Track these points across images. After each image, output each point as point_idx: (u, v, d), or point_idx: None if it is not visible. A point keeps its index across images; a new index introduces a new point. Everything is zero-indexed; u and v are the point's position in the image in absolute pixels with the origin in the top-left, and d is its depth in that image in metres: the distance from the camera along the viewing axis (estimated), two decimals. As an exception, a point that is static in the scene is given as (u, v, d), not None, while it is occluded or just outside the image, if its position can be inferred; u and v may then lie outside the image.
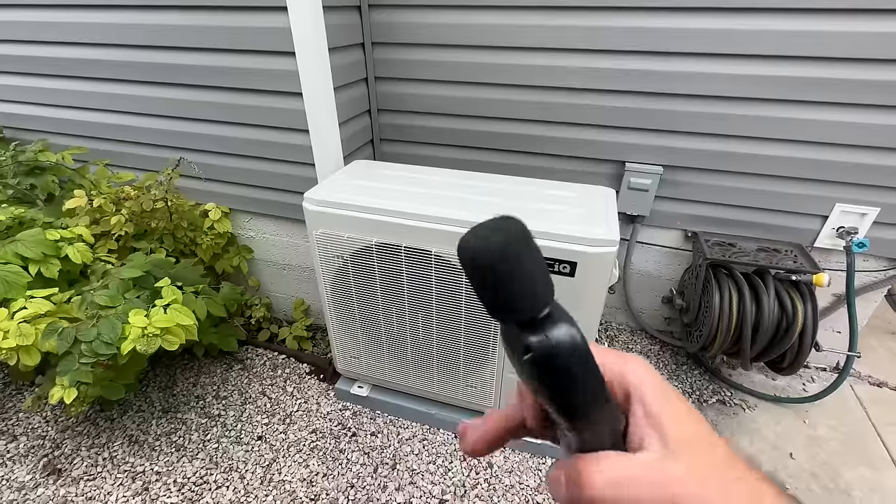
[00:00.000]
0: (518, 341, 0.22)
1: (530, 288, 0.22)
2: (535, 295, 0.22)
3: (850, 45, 1.26)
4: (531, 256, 0.22)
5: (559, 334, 0.22)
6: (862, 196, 1.47)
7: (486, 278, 0.21)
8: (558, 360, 0.22)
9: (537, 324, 0.22)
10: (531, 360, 0.22)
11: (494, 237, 0.21)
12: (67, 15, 1.53)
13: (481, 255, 0.21)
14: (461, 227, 1.14)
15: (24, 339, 1.16)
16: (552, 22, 1.42)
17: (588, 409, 0.24)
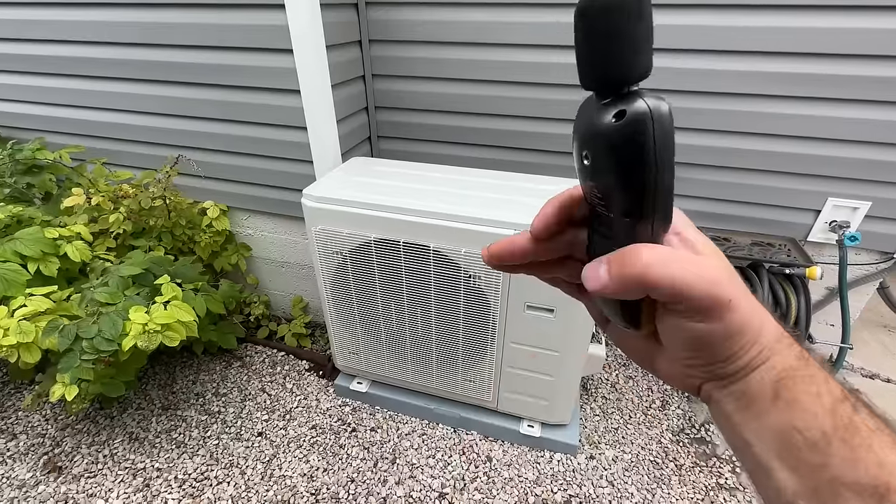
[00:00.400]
0: (604, 111, 0.21)
1: (641, 48, 0.21)
2: (642, 58, 0.21)
3: (842, 41, 1.27)
4: (646, 18, 0.21)
5: (659, 104, 0.21)
6: (854, 190, 1.49)
7: (600, 27, 0.21)
8: (657, 126, 0.20)
9: (634, 94, 0.21)
10: (626, 124, 0.20)
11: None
12: (63, 13, 1.53)
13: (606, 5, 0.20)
14: (459, 223, 1.15)
15: (25, 337, 1.16)
16: (548, 18, 1.43)
17: (660, 196, 0.22)
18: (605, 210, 0.24)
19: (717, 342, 0.25)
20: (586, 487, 1.41)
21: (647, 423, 1.61)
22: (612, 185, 0.23)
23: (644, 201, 0.22)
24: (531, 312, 1.23)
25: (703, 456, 1.50)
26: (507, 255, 0.31)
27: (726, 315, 0.24)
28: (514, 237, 0.31)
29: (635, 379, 1.79)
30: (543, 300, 1.20)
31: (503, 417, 1.53)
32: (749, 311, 0.25)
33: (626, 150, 0.21)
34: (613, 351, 1.92)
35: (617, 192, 0.23)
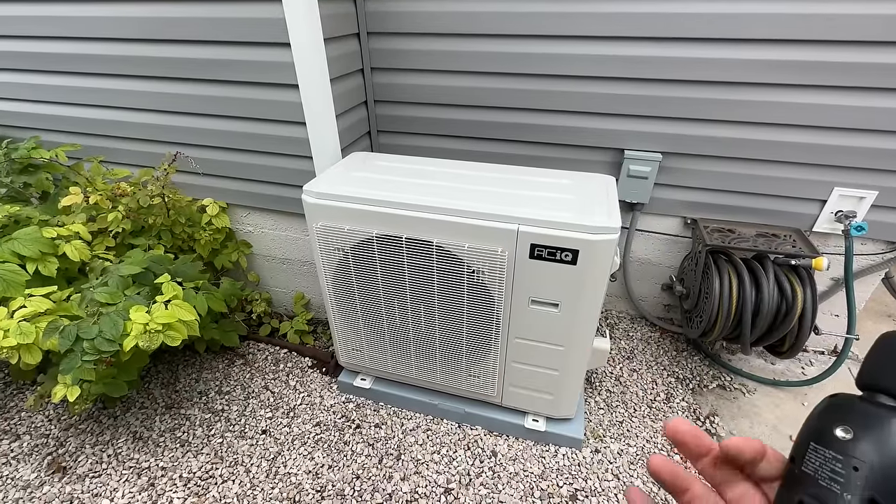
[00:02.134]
0: (891, 415, 0.26)
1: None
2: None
3: (847, 28, 1.25)
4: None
5: None
6: (860, 180, 1.48)
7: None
8: None
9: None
10: None
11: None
12: (57, 9, 1.50)
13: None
14: (462, 217, 1.13)
15: (25, 338, 1.15)
16: (548, 9, 1.41)
17: None
18: (833, 486, 0.26)
19: None
20: (592, 481, 1.41)
21: (651, 416, 1.61)
22: None
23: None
24: (535, 307, 1.22)
25: (708, 448, 1.50)
26: (687, 436, 0.34)
27: None
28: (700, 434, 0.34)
29: (639, 372, 1.78)
30: (548, 294, 1.19)
31: (508, 412, 1.52)
32: None
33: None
34: (617, 344, 1.91)
35: None
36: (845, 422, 0.27)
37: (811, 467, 0.27)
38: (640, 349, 1.89)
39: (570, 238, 1.07)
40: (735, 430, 1.56)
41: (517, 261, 1.15)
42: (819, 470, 0.27)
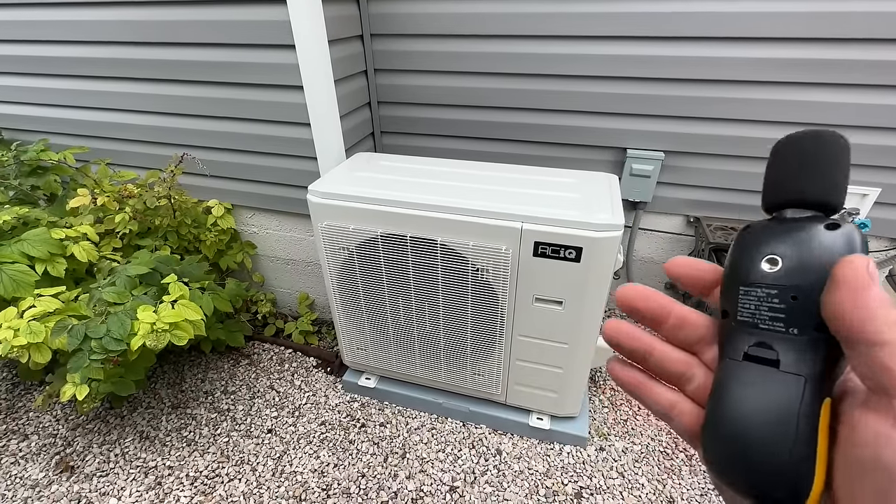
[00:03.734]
0: (812, 228, 0.23)
1: (845, 181, 0.24)
2: (844, 190, 0.24)
3: (849, 26, 1.26)
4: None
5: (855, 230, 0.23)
6: (862, 177, 1.48)
7: (829, 157, 0.24)
8: (864, 238, 0.23)
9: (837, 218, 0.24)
10: (844, 233, 0.22)
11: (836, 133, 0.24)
12: (65, 13, 1.52)
13: (832, 135, 0.24)
14: (466, 216, 1.14)
15: (35, 337, 1.17)
16: (550, 10, 1.42)
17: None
18: (776, 326, 0.23)
19: None
20: (597, 479, 1.41)
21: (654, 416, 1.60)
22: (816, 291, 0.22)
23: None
24: (540, 305, 1.22)
25: (713, 446, 1.50)
26: (641, 297, 0.30)
27: None
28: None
29: (643, 370, 1.78)
30: (552, 292, 1.19)
31: (512, 411, 1.53)
32: None
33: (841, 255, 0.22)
34: (621, 343, 1.91)
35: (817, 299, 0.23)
36: (767, 251, 0.24)
37: (748, 313, 0.24)
38: (644, 348, 1.89)
39: (573, 236, 1.08)
40: (740, 427, 1.55)
41: (521, 259, 1.15)
42: (757, 314, 0.24)
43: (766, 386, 0.23)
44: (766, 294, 0.24)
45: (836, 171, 0.24)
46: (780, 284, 0.23)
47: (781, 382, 0.23)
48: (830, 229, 0.23)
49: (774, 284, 0.24)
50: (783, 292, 0.23)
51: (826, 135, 0.24)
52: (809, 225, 0.23)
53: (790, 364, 0.23)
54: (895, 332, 0.19)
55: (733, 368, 0.24)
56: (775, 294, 0.23)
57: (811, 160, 0.24)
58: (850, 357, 0.21)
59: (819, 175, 0.24)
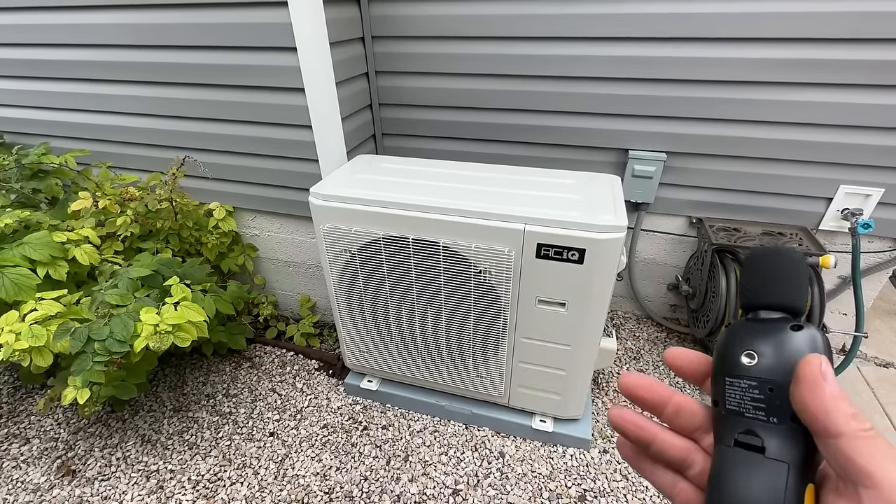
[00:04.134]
0: (781, 329, 0.27)
1: (805, 289, 0.29)
2: (805, 295, 0.28)
3: (851, 26, 1.26)
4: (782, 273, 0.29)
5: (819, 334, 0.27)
6: (866, 177, 1.47)
7: (791, 271, 0.28)
8: (825, 339, 0.27)
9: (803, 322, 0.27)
10: (808, 334, 0.26)
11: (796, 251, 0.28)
12: (65, 17, 1.53)
13: (789, 253, 0.29)
14: (468, 218, 1.14)
15: (37, 340, 1.16)
16: (551, 11, 1.42)
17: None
18: (759, 415, 0.26)
19: None
20: (600, 482, 1.40)
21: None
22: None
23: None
24: (542, 307, 1.22)
25: (717, 448, 1.49)
26: (643, 387, 0.32)
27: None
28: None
29: (647, 372, 1.78)
30: (555, 294, 1.19)
31: (515, 413, 1.52)
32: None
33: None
34: (623, 345, 1.91)
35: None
36: (745, 347, 0.27)
37: (734, 403, 0.27)
38: (647, 349, 1.89)
39: (576, 237, 1.08)
40: (744, 429, 1.55)
41: (524, 260, 1.15)
42: (742, 403, 0.27)
43: (755, 471, 0.25)
44: (748, 385, 0.27)
45: (796, 283, 0.28)
46: (758, 377, 0.27)
47: (768, 468, 0.25)
48: (795, 330, 0.27)
49: (754, 377, 0.27)
50: (762, 384, 0.26)
51: (785, 253, 0.29)
52: (779, 325, 0.27)
53: (774, 450, 0.25)
54: (851, 425, 0.22)
55: (726, 454, 0.27)
56: (755, 385, 0.27)
57: (775, 274, 0.29)
58: (819, 446, 0.24)
59: (782, 287, 0.29)
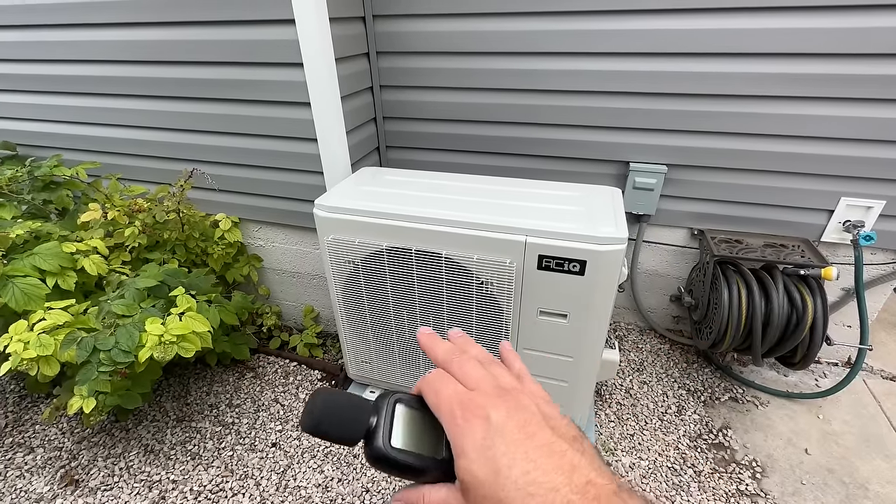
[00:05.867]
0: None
1: (349, 425, 0.33)
2: (355, 424, 0.33)
3: (852, 41, 1.28)
4: (334, 411, 0.34)
5: (372, 444, 0.33)
6: (867, 189, 1.48)
7: (323, 434, 0.33)
8: (378, 458, 0.32)
9: (368, 439, 0.33)
10: (370, 459, 0.33)
11: (308, 416, 0.33)
12: (78, 34, 1.57)
13: (309, 427, 0.33)
14: (471, 230, 1.15)
15: (44, 350, 1.18)
16: (554, 27, 1.45)
17: (411, 475, 0.33)
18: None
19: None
20: (604, 495, 1.39)
21: (663, 429, 1.59)
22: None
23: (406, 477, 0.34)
24: (544, 318, 1.23)
25: (721, 462, 1.48)
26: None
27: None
28: None
29: (650, 384, 1.77)
30: (556, 305, 1.20)
31: (517, 425, 1.51)
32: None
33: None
34: (626, 356, 1.90)
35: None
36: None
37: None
38: (650, 361, 1.88)
39: (577, 249, 1.09)
40: (749, 443, 1.53)
41: (525, 272, 1.16)
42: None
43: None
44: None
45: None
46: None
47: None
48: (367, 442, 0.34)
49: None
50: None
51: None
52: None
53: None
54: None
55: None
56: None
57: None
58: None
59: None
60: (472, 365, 0.35)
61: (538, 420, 0.31)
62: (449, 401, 0.32)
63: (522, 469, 0.28)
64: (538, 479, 0.27)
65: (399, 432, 0.33)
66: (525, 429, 0.30)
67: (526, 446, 0.29)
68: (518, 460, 0.28)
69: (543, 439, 0.29)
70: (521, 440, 0.29)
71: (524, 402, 0.32)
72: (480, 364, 0.35)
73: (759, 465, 1.46)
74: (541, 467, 0.28)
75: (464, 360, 0.35)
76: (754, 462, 1.47)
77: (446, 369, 0.35)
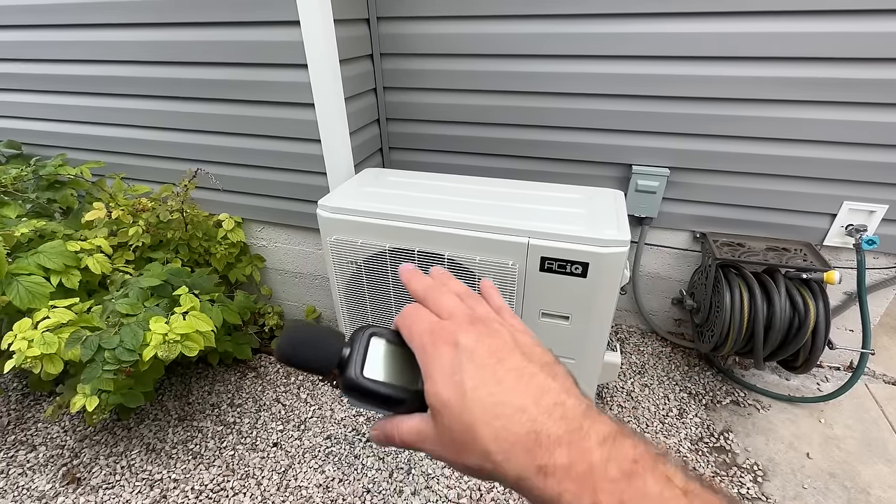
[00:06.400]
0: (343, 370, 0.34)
1: (322, 353, 0.34)
2: (327, 352, 0.34)
3: (855, 46, 1.28)
4: (308, 339, 0.35)
5: (345, 374, 0.33)
6: (870, 194, 1.48)
7: (297, 361, 0.34)
8: (350, 387, 0.33)
9: (342, 368, 0.34)
10: (343, 388, 0.34)
11: (282, 344, 0.34)
12: (83, 34, 1.58)
13: (283, 353, 0.34)
14: (473, 231, 1.16)
15: (48, 348, 1.18)
16: (558, 30, 1.45)
17: (384, 405, 0.34)
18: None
19: None
20: (605, 498, 1.39)
21: (664, 432, 1.59)
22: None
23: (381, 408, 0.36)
24: (546, 320, 1.23)
25: (723, 465, 1.48)
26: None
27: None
28: None
29: (651, 387, 1.77)
30: (558, 307, 1.20)
31: (518, 426, 1.52)
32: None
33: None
34: (627, 359, 1.90)
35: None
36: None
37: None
38: (652, 364, 1.88)
39: (580, 251, 1.09)
40: (750, 446, 1.53)
41: (528, 274, 1.16)
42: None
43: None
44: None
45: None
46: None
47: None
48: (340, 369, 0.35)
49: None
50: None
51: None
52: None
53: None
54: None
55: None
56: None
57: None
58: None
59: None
60: (448, 297, 0.35)
61: (510, 346, 0.31)
62: (420, 330, 0.32)
63: (488, 391, 0.28)
64: (504, 399, 0.27)
65: (372, 363, 0.33)
66: (495, 354, 0.30)
67: (495, 370, 0.29)
68: (485, 383, 0.28)
69: (513, 364, 0.30)
70: (489, 365, 0.29)
71: (496, 329, 0.32)
72: (457, 296, 0.35)
73: (761, 468, 1.46)
74: (508, 389, 0.28)
75: (441, 292, 0.35)
76: (756, 466, 1.47)
77: (423, 303, 0.35)
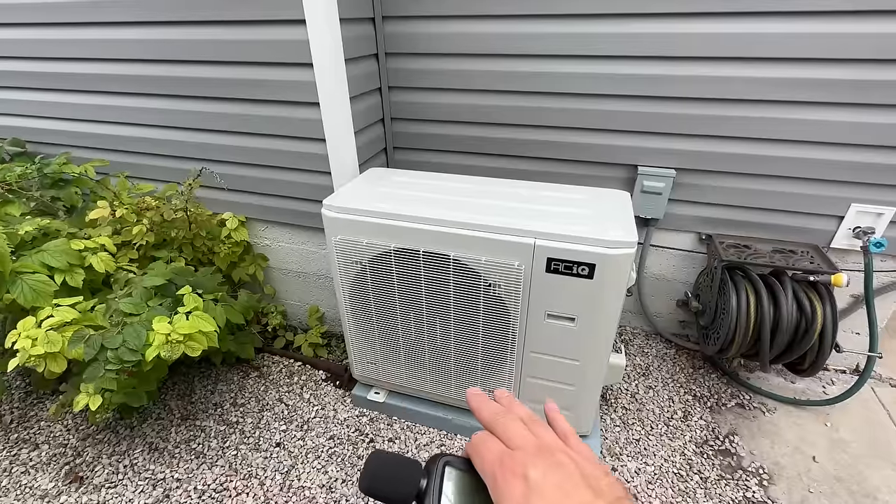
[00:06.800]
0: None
1: (402, 486, 0.35)
2: (407, 485, 0.35)
3: (864, 46, 1.27)
4: (386, 473, 0.36)
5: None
6: (878, 196, 1.47)
7: (377, 494, 0.35)
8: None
9: (420, 501, 0.34)
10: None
11: (364, 477, 0.36)
12: (89, 32, 1.58)
13: (364, 486, 0.35)
14: (479, 232, 1.15)
15: (52, 347, 1.18)
16: (563, 30, 1.45)
17: None
18: None
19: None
20: (609, 500, 1.38)
21: (669, 435, 1.58)
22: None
23: None
24: (552, 321, 1.22)
25: (728, 468, 1.47)
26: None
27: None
28: None
29: (656, 389, 1.76)
30: (564, 308, 1.19)
31: (522, 428, 1.51)
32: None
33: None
34: (632, 361, 1.89)
35: None
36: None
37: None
38: (656, 366, 1.87)
39: (586, 252, 1.08)
40: (755, 449, 1.52)
41: (534, 275, 1.16)
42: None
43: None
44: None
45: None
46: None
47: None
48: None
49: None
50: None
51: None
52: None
53: None
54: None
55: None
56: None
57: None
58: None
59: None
60: (515, 425, 0.36)
61: (576, 480, 0.32)
62: (491, 461, 0.33)
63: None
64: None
65: (449, 494, 0.34)
66: (562, 488, 0.31)
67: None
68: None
69: (579, 499, 0.30)
70: (557, 500, 0.30)
71: (563, 461, 0.33)
72: (524, 424, 0.36)
73: (766, 472, 1.45)
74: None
75: (508, 420, 0.36)
76: (761, 469, 1.46)
77: (491, 430, 0.36)
